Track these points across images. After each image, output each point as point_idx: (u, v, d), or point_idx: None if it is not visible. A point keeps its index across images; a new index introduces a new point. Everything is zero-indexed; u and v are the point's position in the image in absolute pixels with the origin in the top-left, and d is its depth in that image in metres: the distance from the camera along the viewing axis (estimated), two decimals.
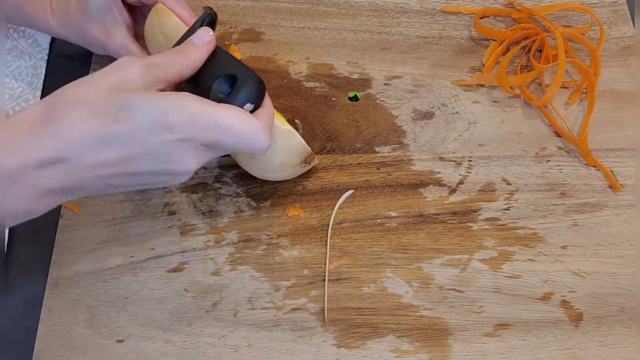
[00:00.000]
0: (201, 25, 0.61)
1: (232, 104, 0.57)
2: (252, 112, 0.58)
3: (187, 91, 0.56)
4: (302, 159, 0.69)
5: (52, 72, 0.80)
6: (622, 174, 0.75)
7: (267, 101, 0.60)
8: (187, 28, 0.71)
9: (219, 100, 0.56)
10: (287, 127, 0.66)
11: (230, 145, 0.56)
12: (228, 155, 0.74)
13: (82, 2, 0.71)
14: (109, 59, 0.78)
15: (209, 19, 0.63)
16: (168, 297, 0.68)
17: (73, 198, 0.58)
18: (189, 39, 0.59)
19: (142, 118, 0.51)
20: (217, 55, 0.60)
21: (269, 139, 0.57)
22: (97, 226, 0.70)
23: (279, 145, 0.65)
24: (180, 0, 0.70)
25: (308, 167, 0.71)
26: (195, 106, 0.53)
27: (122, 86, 0.52)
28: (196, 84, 0.58)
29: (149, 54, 0.73)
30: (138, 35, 0.75)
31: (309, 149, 0.68)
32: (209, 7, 0.65)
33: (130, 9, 0.74)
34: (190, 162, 0.55)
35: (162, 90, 0.55)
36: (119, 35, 0.72)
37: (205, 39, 0.59)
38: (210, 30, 0.60)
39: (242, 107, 0.57)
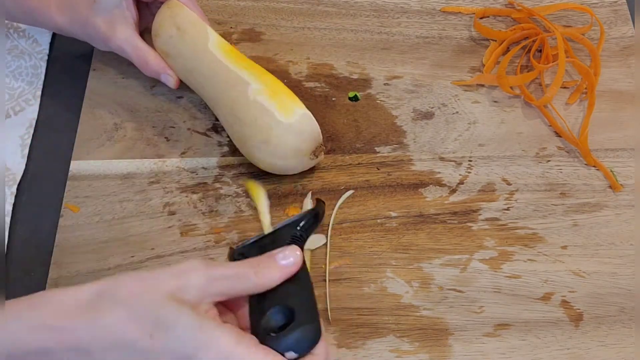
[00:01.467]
0: (307, 222, 0.59)
1: (275, 341, 0.52)
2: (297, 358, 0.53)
3: (249, 299, 0.54)
4: (314, 146, 0.69)
5: (52, 72, 0.80)
6: (622, 174, 0.75)
7: (321, 349, 0.53)
8: (199, 20, 0.71)
9: (265, 330, 0.53)
10: (305, 110, 0.67)
11: None
12: (229, 155, 0.74)
13: None
14: (108, 59, 0.79)
15: (313, 215, 0.61)
16: None
17: None
18: (272, 252, 0.55)
19: (173, 344, 0.49)
20: (294, 278, 0.54)
21: None
22: (97, 226, 0.70)
23: (296, 128, 0.66)
24: (193, 0, 0.71)
25: (314, 162, 0.71)
26: (233, 348, 0.50)
27: (177, 296, 0.50)
28: (258, 299, 0.54)
29: (153, 49, 0.73)
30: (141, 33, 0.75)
31: (321, 137, 0.69)
32: (321, 201, 0.64)
33: (137, 5, 0.74)
34: None
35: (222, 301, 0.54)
36: (124, 30, 0.72)
37: (289, 259, 0.54)
38: (299, 250, 0.55)
39: (285, 350, 0.52)
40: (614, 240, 0.71)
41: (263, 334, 0.52)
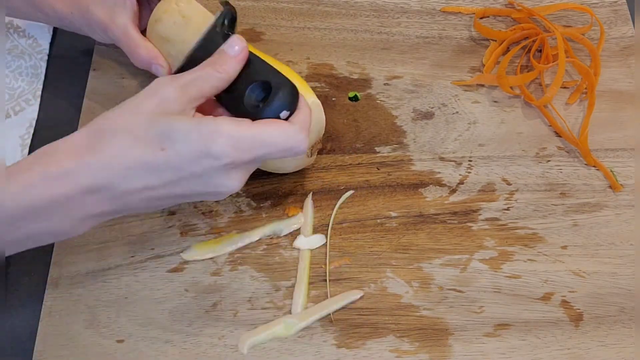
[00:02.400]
0: (222, 24, 0.60)
1: (269, 112, 0.57)
2: (288, 117, 0.58)
3: (222, 100, 0.58)
4: (317, 139, 0.69)
5: (52, 72, 0.80)
6: (622, 174, 0.75)
7: (302, 102, 0.59)
8: (204, 10, 0.71)
9: (253, 108, 0.57)
10: (315, 99, 0.68)
11: (273, 156, 0.56)
12: None
13: None
14: (108, 59, 0.79)
15: (230, 17, 0.61)
16: (168, 297, 0.67)
17: (117, 216, 0.59)
18: (220, 49, 0.58)
19: (186, 147, 0.53)
20: (249, 61, 0.59)
21: (307, 140, 0.57)
22: (97, 226, 0.70)
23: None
24: None
25: (311, 161, 0.71)
26: (234, 130, 0.54)
27: (161, 110, 0.54)
28: (229, 92, 0.58)
29: (150, 41, 0.73)
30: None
31: (323, 132, 0.70)
32: (227, 2, 0.64)
33: (138, 1, 0.73)
34: (234, 182, 0.56)
35: (200, 105, 0.57)
36: (122, 19, 0.71)
37: (235, 47, 0.58)
38: (241, 38, 0.58)
39: (278, 115, 0.57)
40: (614, 240, 0.71)
41: (249, 114, 0.57)
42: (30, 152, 0.74)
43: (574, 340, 0.66)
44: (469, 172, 0.75)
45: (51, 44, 0.82)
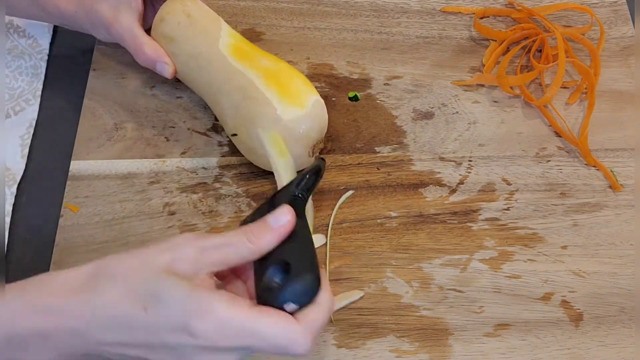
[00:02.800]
0: (307, 181, 0.58)
1: (277, 298, 0.51)
2: (299, 309, 0.51)
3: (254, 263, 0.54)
4: (319, 138, 0.70)
5: (52, 72, 0.80)
6: (622, 174, 0.75)
7: (322, 299, 0.52)
8: (210, 10, 0.72)
9: (267, 290, 0.51)
10: (319, 97, 0.69)
11: (261, 349, 0.51)
12: (229, 155, 0.74)
13: None
14: (108, 59, 0.79)
15: (313, 173, 0.60)
16: None
17: None
18: (264, 217, 0.53)
19: (166, 315, 0.49)
20: (290, 235, 0.53)
21: (309, 344, 0.50)
22: (97, 226, 0.70)
23: (309, 112, 0.67)
24: None
25: (311, 161, 0.71)
26: (225, 312, 0.49)
27: (170, 269, 0.50)
28: (258, 261, 0.53)
29: (152, 39, 0.73)
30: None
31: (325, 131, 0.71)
32: (322, 158, 0.63)
33: (143, 1, 0.74)
34: None
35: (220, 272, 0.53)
36: (127, 18, 0.71)
37: (281, 221, 0.53)
38: (291, 210, 0.54)
39: (282, 305, 0.51)
40: (614, 240, 0.71)
41: (261, 293, 0.52)
42: (30, 152, 0.75)
43: (574, 340, 0.66)
44: (469, 172, 0.75)
45: (51, 43, 0.82)
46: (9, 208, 0.71)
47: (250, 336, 0.49)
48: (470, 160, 0.75)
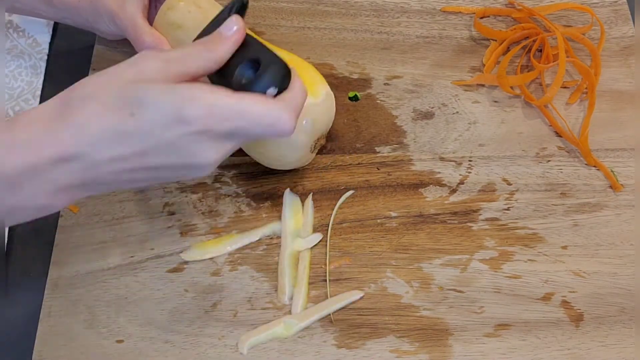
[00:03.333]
0: (229, 13, 0.57)
1: (255, 90, 0.53)
2: (276, 95, 0.54)
3: (212, 79, 0.55)
4: (326, 129, 0.70)
5: (51, 72, 0.80)
6: (622, 174, 0.75)
7: (296, 83, 0.55)
8: (218, 5, 0.71)
9: (242, 87, 0.53)
10: (329, 90, 0.69)
11: (252, 132, 0.53)
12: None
13: None
14: (108, 60, 0.79)
15: (239, 5, 0.59)
16: (168, 297, 0.67)
17: (92, 193, 0.56)
18: (216, 31, 0.55)
19: (156, 112, 0.50)
20: (245, 42, 0.56)
21: (293, 121, 0.53)
22: (97, 226, 0.70)
23: (321, 102, 0.68)
24: None
25: (312, 157, 0.72)
26: (210, 96, 0.51)
27: (137, 79, 0.51)
28: (221, 75, 0.55)
29: (157, 30, 0.72)
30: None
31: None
32: None
33: None
34: (209, 155, 0.53)
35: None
36: (132, 8, 0.71)
37: (233, 28, 0.55)
38: (240, 18, 0.55)
39: (264, 92, 0.53)
40: (614, 241, 0.71)
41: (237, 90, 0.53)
42: None
43: (575, 340, 0.66)
44: (469, 172, 0.75)
45: (50, 43, 0.82)
46: None
47: (239, 117, 0.51)
48: (470, 160, 0.75)
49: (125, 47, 0.79)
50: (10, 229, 0.70)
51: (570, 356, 0.65)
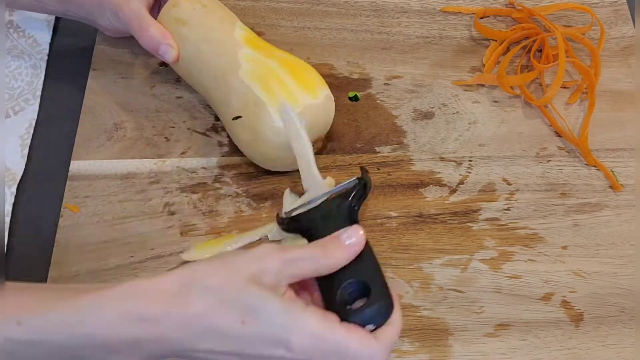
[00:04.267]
0: (357, 192, 0.61)
1: (356, 318, 0.54)
2: (374, 330, 0.55)
3: (318, 279, 0.56)
4: (322, 132, 0.71)
5: (52, 72, 0.80)
6: (622, 174, 0.75)
7: (395, 318, 0.56)
8: (223, 5, 0.73)
9: (343, 305, 0.54)
10: (329, 92, 0.70)
11: None
12: (228, 155, 0.74)
13: None
14: (108, 60, 0.79)
15: (362, 185, 0.63)
16: None
17: None
18: (337, 234, 0.56)
19: (266, 329, 0.51)
20: (360, 255, 0.56)
21: (386, 358, 0.55)
22: (97, 226, 0.70)
23: (321, 103, 0.69)
24: None
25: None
26: (319, 328, 0.52)
27: (258, 280, 0.52)
28: (328, 276, 0.55)
29: (158, 22, 0.73)
30: None
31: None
32: (365, 170, 0.65)
33: None
34: None
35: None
36: (136, 2, 0.72)
37: (352, 239, 0.56)
38: (361, 229, 0.56)
39: (364, 324, 0.54)
40: (614, 241, 0.71)
41: (339, 309, 0.54)
42: (30, 152, 0.75)
43: (575, 340, 0.66)
44: (469, 172, 0.75)
45: (51, 43, 0.82)
46: (9, 208, 0.71)
47: (343, 352, 0.52)
48: (470, 160, 0.75)
49: (125, 47, 0.80)
50: (10, 229, 0.70)
51: (570, 356, 0.65)
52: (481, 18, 0.85)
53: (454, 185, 0.74)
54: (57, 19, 0.83)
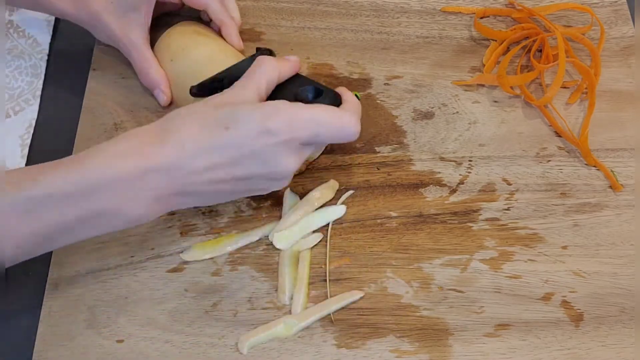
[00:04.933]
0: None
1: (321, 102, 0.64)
2: None
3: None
4: (315, 153, 0.72)
5: (51, 72, 0.80)
6: (622, 174, 0.75)
7: (349, 96, 0.66)
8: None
9: (305, 102, 0.63)
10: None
11: (327, 136, 0.61)
12: None
13: None
14: (109, 59, 0.79)
15: (267, 52, 0.69)
16: (168, 297, 0.67)
17: (182, 206, 0.63)
18: (282, 58, 0.67)
19: (247, 125, 0.58)
20: (298, 77, 0.67)
21: (358, 123, 0.63)
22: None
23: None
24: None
25: (302, 168, 0.73)
26: (291, 109, 0.59)
27: (228, 102, 0.60)
28: (281, 95, 0.64)
29: (157, 60, 0.74)
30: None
31: None
32: (260, 48, 0.71)
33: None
34: (290, 161, 0.60)
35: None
36: (136, 36, 0.73)
37: (293, 58, 0.67)
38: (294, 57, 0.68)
39: None
40: (614, 241, 0.71)
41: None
42: (29, 152, 0.75)
43: (575, 340, 0.66)
44: (469, 172, 0.75)
45: (51, 43, 0.82)
46: None
47: (315, 124, 0.60)
48: (470, 160, 0.75)
49: None
50: None
51: (570, 356, 0.65)
52: (481, 18, 0.85)
53: (454, 185, 0.74)
54: (57, 20, 0.83)
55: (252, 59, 0.66)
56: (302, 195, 0.72)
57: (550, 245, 0.71)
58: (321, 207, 0.71)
